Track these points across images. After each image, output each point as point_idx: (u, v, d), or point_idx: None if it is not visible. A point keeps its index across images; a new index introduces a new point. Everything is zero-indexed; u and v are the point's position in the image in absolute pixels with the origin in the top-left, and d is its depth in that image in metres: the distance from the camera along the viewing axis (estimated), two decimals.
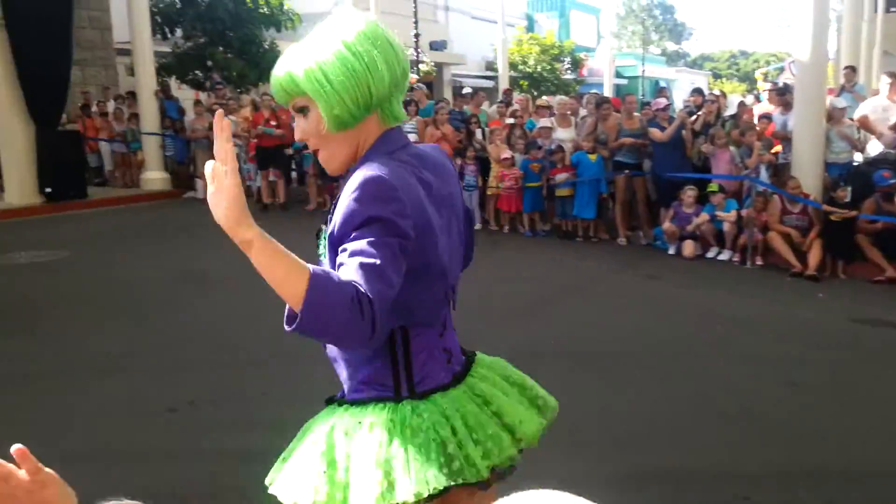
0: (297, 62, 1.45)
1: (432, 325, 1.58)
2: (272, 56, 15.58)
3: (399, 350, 1.53)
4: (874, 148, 8.92)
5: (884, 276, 7.26)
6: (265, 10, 15.69)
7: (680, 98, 16.83)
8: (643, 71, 30.87)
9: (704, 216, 8.20)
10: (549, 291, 6.81)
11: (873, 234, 7.47)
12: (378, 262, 1.28)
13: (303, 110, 1.48)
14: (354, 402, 1.55)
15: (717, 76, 49.27)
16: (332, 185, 11.11)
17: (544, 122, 9.95)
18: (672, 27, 54.97)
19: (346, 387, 1.62)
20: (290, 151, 10.99)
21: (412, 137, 10.06)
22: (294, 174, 11.63)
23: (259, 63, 15.50)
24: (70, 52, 11.19)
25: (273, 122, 10.84)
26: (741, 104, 10.31)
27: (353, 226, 1.33)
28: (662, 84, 23.16)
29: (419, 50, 20.74)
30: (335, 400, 1.64)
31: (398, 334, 1.52)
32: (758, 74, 17.84)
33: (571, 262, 8.04)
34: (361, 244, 1.30)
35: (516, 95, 13.84)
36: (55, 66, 10.63)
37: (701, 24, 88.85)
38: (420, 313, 1.53)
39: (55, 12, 10.54)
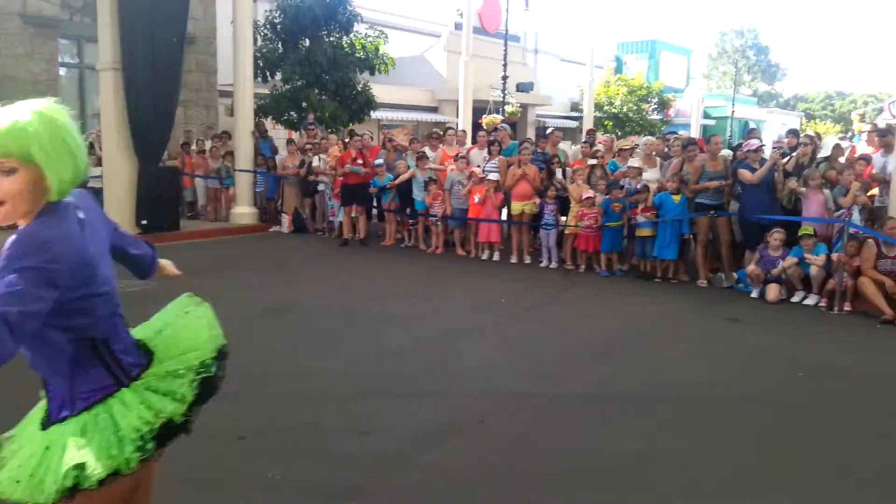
0: (23, 133, 1.67)
1: (119, 331, 1.95)
2: (364, 98, 16.19)
3: (107, 356, 1.90)
4: None
5: None
6: (361, 54, 16.31)
7: (769, 139, 16.34)
8: (732, 112, 30.16)
9: (792, 259, 7.91)
10: (625, 332, 6.69)
11: None
12: (21, 288, 1.57)
13: (11, 171, 1.68)
14: (83, 410, 1.86)
15: (809, 117, 47.61)
16: (407, 221, 11.42)
17: (633, 161, 9.87)
18: (765, 68, 53.75)
19: (65, 402, 1.89)
20: (373, 190, 11.30)
21: (494, 177, 10.21)
22: (374, 211, 11.94)
23: (351, 104, 16.09)
24: (177, 95, 11.95)
25: (360, 161, 11.20)
26: (836, 146, 9.95)
27: (11, 269, 1.60)
28: (752, 125, 22.53)
29: (506, 91, 21.02)
30: (55, 421, 1.89)
31: (101, 346, 1.89)
32: (854, 115, 17.17)
33: (649, 303, 7.88)
34: (12, 278, 1.58)
35: (599, 136, 13.83)
36: (163, 108, 11.38)
37: (796, 64, 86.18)
38: (101, 326, 1.87)
39: (168, 58, 11.32)
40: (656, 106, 27.49)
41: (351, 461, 3.80)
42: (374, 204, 11.69)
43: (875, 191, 8.62)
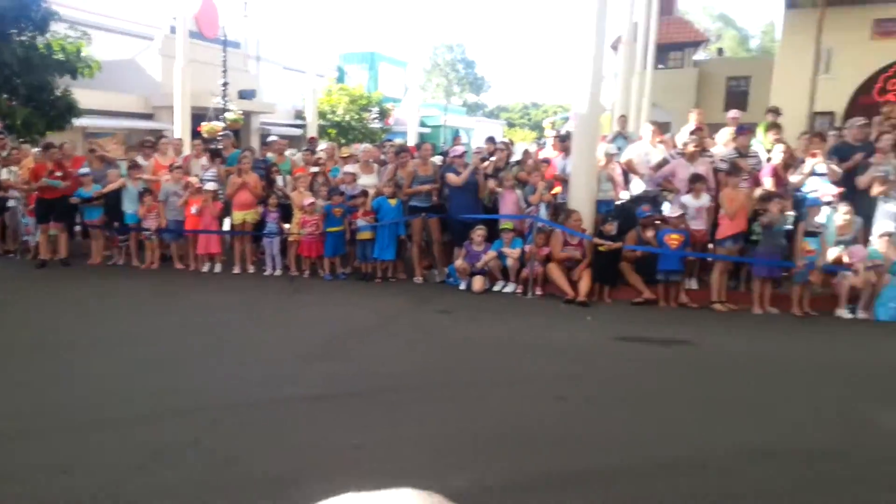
0: None
1: None
2: (63, 104, 14.71)
3: None
4: (637, 187, 10.11)
5: (641, 298, 8.27)
6: (60, 56, 14.77)
7: (483, 145, 17.96)
8: (445, 120, 32.57)
9: (492, 253, 8.84)
10: (347, 332, 6.95)
11: (634, 261, 8.46)
12: None
13: None
14: None
15: (511, 125, 53.10)
16: (117, 237, 10.66)
17: (349, 168, 10.25)
18: (473, 80, 59.08)
19: None
20: (75, 200, 10.31)
21: (212, 186, 9.97)
22: (77, 227, 10.91)
23: (49, 111, 14.53)
24: None
25: (58, 173, 10.20)
26: (525, 151, 11.25)
27: None
28: (462, 133, 24.64)
29: (227, 98, 20.45)
30: None
31: None
32: (546, 123, 19.61)
33: (371, 303, 8.27)
34: None
35: (322, 143, 14.10)
36: None
37: (498, 77, 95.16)
38: None
39: None
40: (377, 115, 28.64)
41: (90, 499, 3.52)
42: (78, 220, 10.69)
43: (558, 189, 9.89)
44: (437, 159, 11.09)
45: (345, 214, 9.56)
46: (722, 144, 9.85)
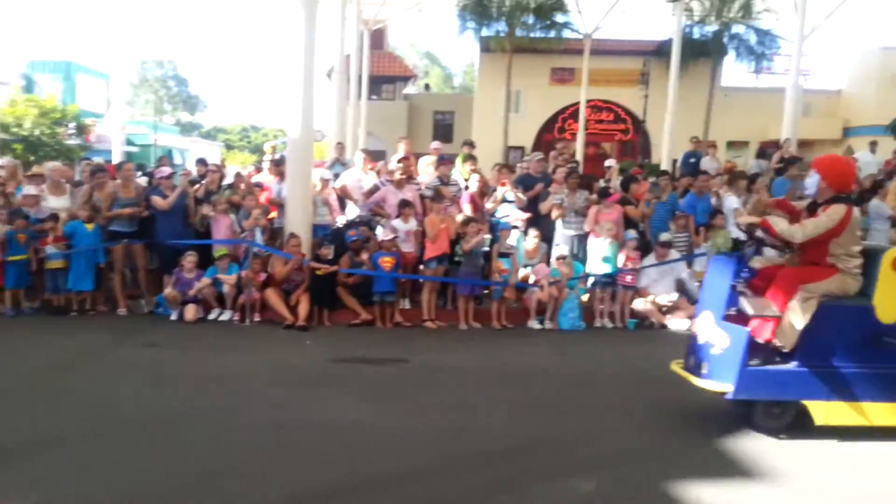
0: None
1: None
2: None
3: None
4: (353, 212, 10.41)
5: (359, 320, 8.54)
6: None
7: (194, 167, 17.17)
8: (156, 140, 30.62)
9: (206, 280, 8.48)
10: (33, 374, 6.16)
11: (350, 285, 8.69)
12: None
13: None
14: None
15: (230, 147, 51.66)
16: None
17: (30, 189, 9.13)
18: (186, 99, 56.52)
19: None
20: None
21: None
22: None
23: None
24: None
25: None
26: (237, 174, 11.00)
27: None
28: (176, 153, 23.29)
29: None
30: None
31: None
32: (266, 147, 19.42)
33: (63, 340, 7.42)
34: None
35: (4, 159, 12.41)
36: None
37: (215, 97, 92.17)
38: None
39: None
40: (74, 130, 25.97)
41: None
42: None
43: (274, 214, 9.81)
44: (143, 181, 10.41)
45: (30, 241, 8.50)
46: (425, 173, 10.57)
